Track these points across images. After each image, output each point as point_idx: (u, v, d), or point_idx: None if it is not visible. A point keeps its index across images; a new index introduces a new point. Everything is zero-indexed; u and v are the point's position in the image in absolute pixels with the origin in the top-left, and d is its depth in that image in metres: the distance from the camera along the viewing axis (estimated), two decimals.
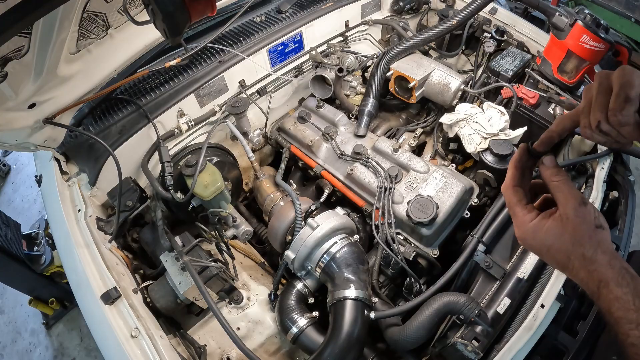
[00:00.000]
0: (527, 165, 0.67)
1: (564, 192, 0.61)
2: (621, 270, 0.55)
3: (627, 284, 0.54)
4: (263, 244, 1.90)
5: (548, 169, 0.64)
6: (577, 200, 0.59)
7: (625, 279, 0.55)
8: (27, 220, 3.40)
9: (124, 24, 1.45)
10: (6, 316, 3.06)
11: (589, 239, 0.58)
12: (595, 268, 0.57)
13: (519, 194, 0.67)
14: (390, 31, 2.40)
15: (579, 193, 0.61)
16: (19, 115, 1.29)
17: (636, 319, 0.53)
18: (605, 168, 1.57)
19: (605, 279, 0.56)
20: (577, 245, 0.58)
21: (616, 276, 0.55)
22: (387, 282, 1.59)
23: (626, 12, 3.44)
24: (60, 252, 1.39)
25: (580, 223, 0.58)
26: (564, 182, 0.62)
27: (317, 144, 1.79)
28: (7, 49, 1.03)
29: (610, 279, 0.55)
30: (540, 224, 0.62)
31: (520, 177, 0.67)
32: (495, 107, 1.70)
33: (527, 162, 0.67)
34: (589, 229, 0.58)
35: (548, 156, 0.65)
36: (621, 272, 0.55)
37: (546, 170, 0.64)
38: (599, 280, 0.56)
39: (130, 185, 1.53)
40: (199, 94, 1.80)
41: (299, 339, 1.34)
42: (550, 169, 0.64)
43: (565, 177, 0.62)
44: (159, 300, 1.39)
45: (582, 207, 0.59)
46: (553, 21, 1.70)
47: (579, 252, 0.58)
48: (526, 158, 0.67)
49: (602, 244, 0.57)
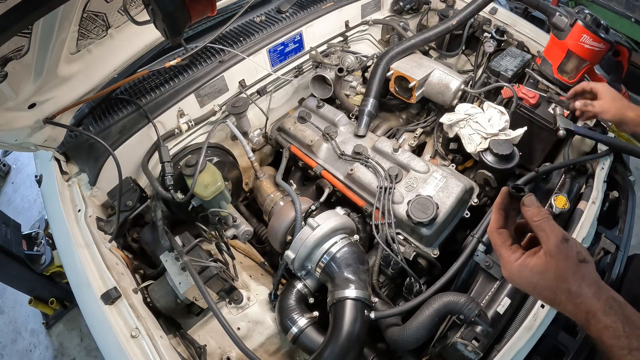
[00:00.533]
0: (510, 207, 0.71)
1: (545, 230, 0.63)
2: (608, 299, 0.57)
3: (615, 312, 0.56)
4: (263, 244, 1.90)
5: (529, 209, 0.66)
6: (558, 237, 0.61)
7: (612, 308, 0.57)
8: (27, 220, 3.40)
9: (124, 24, 1.45)
10: (6, 316, 3.06)
11: (572, 274, 0.60)
12: (582, 301, 0.59)
13: (503, 235, 0.70)
14: (391, 31, 2.40)
15: (560, 230, 0.63)
16: (19, 115, 1.29)
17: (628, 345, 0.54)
18: (605, 168, 1.57)
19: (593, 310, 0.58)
20: (562, 281, 0.60)
21: (603, 306, 0.57)
22: (387, 282, 1.59)
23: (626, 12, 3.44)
24: (60, 252, 1.39)
25: (563, 259, 0.60)
26: (545, 220, 0.64)
27: (317, 144, 1.79)
28: (7, 49, 1.03)
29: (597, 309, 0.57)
30: (525, 262, 0.65)
31: (503, 220, 0.71)
32: (495, 107, 1.70)
33: (510, 204, 0.71)
34: (572, 264, 0.60)
35: (528, 197, 0.68)
36: (608, 301, 0.57)
37: (527, 211, 0.67)
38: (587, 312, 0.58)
39: (130, 185, 1.53)
40: (199, 94, 1.80)
41: (299, 339, 1.34)
42: (531, 209, 0.66)
43: (546, 215, 0.65)
44: (159, 300, 1.39)
45: (563, 244, 0.61)
46: (553, 21, 1.70)
47: (564, 287, 0.60)
48: (508, 201, 0.70)
49: (586, 278, 0.59)
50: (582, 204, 1.47)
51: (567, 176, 1.60)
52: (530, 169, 1.59)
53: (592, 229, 1.41)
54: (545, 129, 1.72)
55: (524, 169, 1.71)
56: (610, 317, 0.56)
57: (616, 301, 0.58)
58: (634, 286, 1.36)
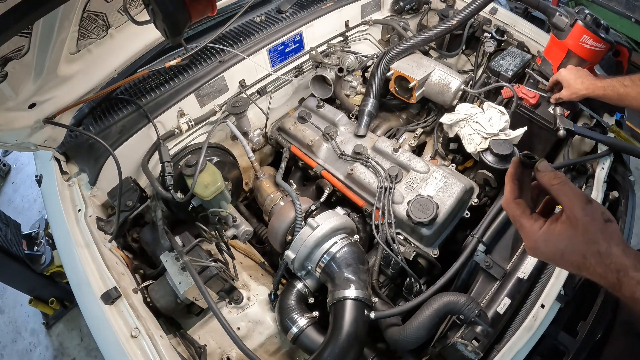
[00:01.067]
0: (523, 177, 0.68)
1: (567, 194, 0.61)
2: (637, 256, 0.56)
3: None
4: (263, 244, 1.90)
5: (545, 174, 0.64)
6: (582, 200, 0.60)
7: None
8: (27, 220, 3.40)
9: (124, 24, 1.45)
10: (6, 316, 3.06)
11: (601, 234, 0.58)
12: (612, 261, 0.57)
13: (521, 206, 0.67)
14: (391, 31, 2.40)
15: (582, 192, 0.61)
16: (19, 115, 1.29)
17: None
18: (605, 168, 1.57)
19: (624, 269, 0.56)
20: (591, 243, 0.58)
21: (633, 262, 0.56)
22: (387, 282, 1.59)
23: (626, 12, 3.45)
24: (61, 252, 1.39)
25: (590, 221, 0.59)
26: (564, 183, 0.62)
27: (317, 144, 1.79)
28: (7, 49, 1.03)
29: (628, 266, 0.56)
30: (550, 230, 0.62)
31: (519, 190, 0.68)
32: (495, 107, 1.70)
33: (523, 173, 0.68)
34: (600, 225, 0.58)
35: (542, 162, 0.66)
36: (637, 257, 0.56)
37: (543, 176, 0.64)
38: (618, 271, 0.57)
39: (130, 185, 1.53)
40: (199, 94, 1.80)
41: (299, 339, 1.34)
42: (547, 174, 0.64)
43: (564, 178, 0.63)
44: (159, 300, 1.39)
45: (588, 206, 0.59)
46: (553, 21, 1.70)
47: (594, 249, 0.58)
48: (521, 170, 0.68)
49: (614, 237, 0.58)
50: None
51: (567, 176, 1.59)
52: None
53: None
54: (545, 129, 1.72)
55: None
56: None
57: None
58: None
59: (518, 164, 0.68)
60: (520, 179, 0.68)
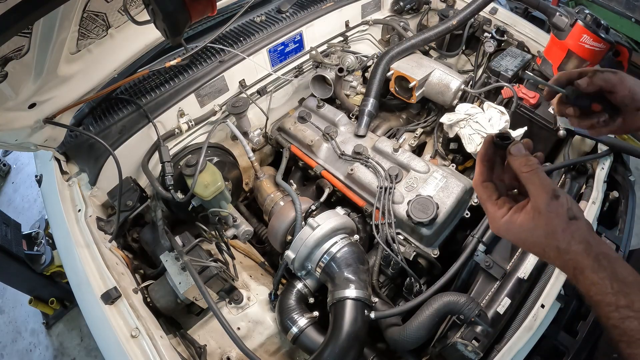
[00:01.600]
0: (495, 158, 0.66)
1: (535, 183, 0.59)
2: (598, 256, 0.55)
3: (604, 269, 0.54)
4: (263, 244, 1.90)
5: (516, 158, 0.61)
6: (548, 193, 0.57)
7: (602, 265, 0.54)
8: (28, 220, 3.40)
9: (124, 24, 1.45)
10: (6, 316, 3.07)
11: (562, 232, 0.57)
12: (570, 257, 0.56)
13: (488, 189, 0.65)
14: (391, 31, 2.40)
15: (550, 184, 0.58)
16: (19, 115, 1.29)
17: (615, 302, 0.53)
18: (605, 168, 1.57)
19: (581, 267, 0.56)
20: (550, 238, 0.57)
21: (592, 263, 0.55)
22: (387, 282, 1.59)
23: (626, 12, 3.45)
24: (61, 251, 1.39)
25: (553, 217, 0.57)
26: (533, 172, 0.59)
27: (317, 144, 1.79)
28: (8, 49, 1.03)
29: (585, 266, 0.55)
30: (512, 219, 0.61)
31: (488, 172, 0.66)
32: (495, 107, 1.70)
33: (495, 154, 0.66)
34: (562, 222, 0.57)
35: (515, 145, 0.62)
36: (597, 258, 0.55)
37: (514, 160, 0.61)
38: (574, 268, 0.56)
39: (130, 185, 1.53)
40: (199, 94, 1.80)
41: (299, 339, 1.34)
42: (518, 159, 0.61)
43: (536, 166, 0.60)
44: (159, 300, 1.39)
45: (553, 202, 0.57)
46: (553, 21, 1.70)
47: (553, 245, 0.58)
48: (492, 151, 0.65)
49: (575, 235, 0.56)
50: (582, 204, 1.47)
51: (567, 176, 1.60)
52: None
53: None
54: (546, 129, 1.72)
55: None
56: (599, 273, 0.54)
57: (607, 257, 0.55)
58: None
59: (490, 144, 0.65)
60: (492, 160, 0.66)
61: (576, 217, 0.57)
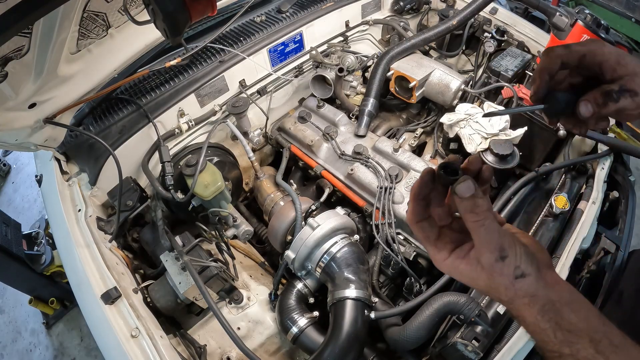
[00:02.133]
0: (432, 194, 0.56)
1: (481, 237, 0.52)
2: (543, 307, 0.52)
3: (549, 319, 0.52)
4: (263, 244, 1.90)
5: (462, 203, 0.51)
6: (493, 254, 0.51)
7: (546, 315, 0.52)
8: (28, 220, 3.40)
9: (125, 24, 1.45)
10: (6, 316, 3.07)
11: (505, 290, 0.53)
12: (513, 307, 0.54)
13: (424, 231, 0.58)
14: (391, 31, 2.40)
15: (497, 242, 0.51)
16: (19, 115, 1.29)
17: (558, 350, 0.51)
18: (605, 168, 1.57)
19: (522, 316, 0.53)
20: (493, 291, 0.54)
21: (534, 315, 0.52)
22: (387, 282, 1.59)
23: (626, 12, 3.45)
24: (61, 251, 1.39)
25: (496, 276, 0.52)
26: (480, 224, 0.51)
27: (317, 144, 1.79)
28: (8, 49, 1.03)
29: (527, 316, 0.53)
30: (454, 264, 0.56)
31: (422, 211, 0.57)
32: (495, 107, 1.70)
33: (433, 190, 0.56)
34: (506, 281, 0.52)
35: (462, 183, 0.51)
36: (542, 310, 0.52)
37: (460, 205, 0.52)
38: (517, 316, 0.54)
39: (130, 185, 1.53)
40: (199, 94, 1.80)
41: (299, 339, 1.34)
42: (464, 204, 0.51)
43: (484, 215, 0.51)
44: (159, 300, 1.39)
45: (498, 263, 0.52)
46: (553, 21, 1.70)
47: (495, 296, 0.55)
48: (429, 187, 0.55)
49: (519, 292, 0.52)
50: (583, 204, 1.47)
51: (567, 176, 1.60)
52: (531, 169, 1.59)
53: (592, 229, 1.41)
54: (546, 129, 1.72)
55: (524, 169, 1.71)
56: (541, 324, 0.52)
57: (553, 308, 0.52)
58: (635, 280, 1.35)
59: (428, 178, 0.55)
60: (428, 198, 0.56)
61: (524, 274, 0.52)
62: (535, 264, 0.52)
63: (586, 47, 0.59)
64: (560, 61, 0.59)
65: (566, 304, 0.52)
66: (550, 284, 0.53)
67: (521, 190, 1.52)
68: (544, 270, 0.53)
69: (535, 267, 0.52)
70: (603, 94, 0.57)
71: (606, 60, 0.58)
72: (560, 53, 0.59)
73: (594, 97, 0.58)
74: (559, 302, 0.52)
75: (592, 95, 0.58)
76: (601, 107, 0.57)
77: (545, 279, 0.53)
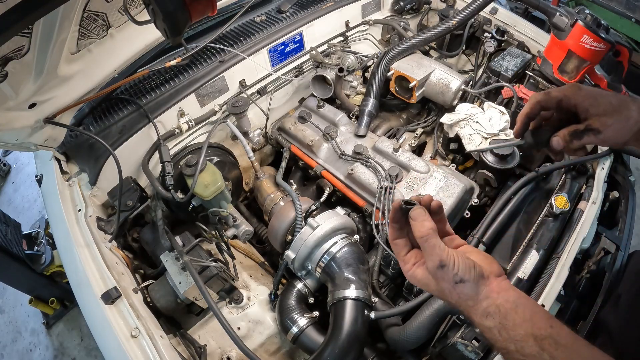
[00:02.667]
0: (403, 220, 0.73)
1: (425, 250, 0.67)
2: (485, 310, 0.63)
3: (492, 320, 0.62)
4: (263, 244, 1.90)
5: (414, 223, 0.69)
6: (434, 263, 0.65)
7: (490, 317, 0.62)
8: (28, 220, 3.40)
9: (125, 24, 1.45)
10: (6, 315, 3.07)
11: (449, 293, 0.66)
12: (461, 310, 0.66)
13: (398, 247, 0.75)
14: (391, 31, 2.40)
15: (437, 254, 0.65)
16: (19, 115, 1.29)
17: (505, 347, 0.60)
18: (605, 168, 1.57)
19: (471, 318, 0.65)
20: (441, 295, 0.68)
21: (479, 317, 0.63)
22: (387, 282, 1.59)
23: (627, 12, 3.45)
24: (61, 251, 1.39)
25: (440, 281, 0.66)
26: (425, 240, 0.67)
27: (317, 144, 1.79)
28: (8, 49, 1.03)
29: (474, 318, 0.64)
30: (414, 274, 0.71)
31: (397, 232, 0.75)
32: (495, 107, 1.70)
33: (402, 217, 0.73)
34: (449, 285, 0.65)
35: (415, 210, 0.70)
36: (485, 312, 0.63)
37: (412, 225, 0.69)
38: (467, 317, 0.66)
39: (130, 185, 1.53)
40: (200, 94, 1.80)
41: (299, 339, 1.34)
42: (415, 224, 0.69)
43: (428, 232, 0.67)
44: (159, 300, 1.39)
45: (439, 271, 0.65)
46: (553, 21, 1.70)
47: (445, 299, 0.68)
48: (400, 214, 0.73)
49: (462, 295, 0.65)
50: (583, 204, 1.47)
51: (567, 176, 1.60)
52: (531, 169, 1.59)
53: (592, 229, 1.41)
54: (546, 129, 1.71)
55: (524, 169, 1.71)
56: (486, 323, 0.62)
57: (497, 309, 0.62)
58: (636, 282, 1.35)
59: (397, 209, 0.73)
60: (400, 221, 0.74)
61: (462, 280, 0.64)
62: (473, 273, 0.64)
63: (562, 93, 0.72)
64: (539, 106, 0.75)
65: (511, 307, 0.62)
66: (497, 290, 0.64)
67: (521, 190, 1.52)
68: (490, 278, 0.65)
69: (474, 275, 0.64)
70: (570, 132, 0.71)
71: (580, 103, 0.71)
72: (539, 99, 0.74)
73: (563, 135, 0.72)
74: (504, 305, 0.62)
75: (562, 132, 0.73)
76: (569, 143, 0.72)
77: (490, 285, 0.64)
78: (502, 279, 0.66)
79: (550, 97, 0.74)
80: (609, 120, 0.68)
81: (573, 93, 0.72)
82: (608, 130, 0.69)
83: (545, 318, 0.61)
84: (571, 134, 0.72)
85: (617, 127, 0.69)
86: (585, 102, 0.71)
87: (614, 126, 0.68)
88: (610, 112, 0.68)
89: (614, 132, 0.69)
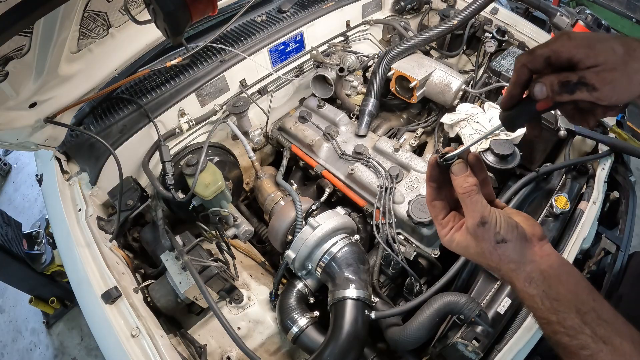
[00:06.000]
0: (441, 178, 0.67)
1: (467, 207, 0.62)
2: (528, 276, 0.59)
3: (536, 286, 0.58)
4: (264, 244, 1.90)
5: (456, 178, 0.63)
6: (475, 220, 0.61)
7: (532, 284, 0.58)
8: (28, 220, 3.40)
9: (125, 24, 1.45)
10: (7, 315, 3.07)
11: (489, 254, 0.61)
12: (503, 274, 0.61)
13: (435, 208, 0.69)
14: (392, 31, 2.40)
15: (479, 210, 0.61)
16: (19, 115, 1.29)
17: (546, 317, 0.57)
18: (606, 168, 1.57)
19: (512, 283, 0.61)
20: (482, 257, 0.62)
21: (522, 283, 0.59)
22: (387, 282, 1.59)
23: (627, 12, 3.45)
24: (61, 251, 1.39)
25: (481, 240, 0.61)
26: (466, 195, 0.62)
27: (317, 144, 1.79)
28: (8, 48, 1.03)
29: (515, 283, 0.60)
30: (452, 237, 0.66)
31: (435, 192, 0.68)
32: (496, 107, 1.70)
33: (440, 174, 0.67)
34: (489, 246, 0.60)
35: (457, 164, 0.64)
36: (528, 278, 0.59)
37: (454, 180, 0.64)
38: (509, 282, 0.62)
39: (131, 185, 1.53)
40: (200, 94, 1.80)
41: (300, 339, 1.34)
42: (457, 179, 0.63)
43: (471, 188, 0.62)
44: (160, 300, 1.39)
45: (480, 228, 0.61)
46: (554, 21, 1.70)
47: (484, 262, 0.63)
48: (437, 171, 0.67)
49: (503, 257, 0.60)
50: (583, 204, 1.47)
51: (567, 176, 1.60)
52: (531, 169, 1.59)
53: (592, 230, 1.41)
54: (547, 129, 1.72)
55: (525, 169, 1.71)
56: (529, 291, 0.58)
57: (541, 276, 0.58)
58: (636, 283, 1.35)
59: (433, 165, 0.67)
60: (438, 180, 0.68)
61: (504, 240, 0.60)
62: (516, 233, 0.60)
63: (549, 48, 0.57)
64: (527, 69, 0.58)
65: (555, 274, 0.58)
66: (540, 254, 0.60)
67: (522, 191, 1.52)
68: (533, 241, 0.61)
69: (517, 236, 0.60)
70: (562, 82, 0.55)
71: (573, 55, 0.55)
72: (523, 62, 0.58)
73: (550, 82, 0.55)
74: (547, 272, 0.58)
75: (549, 79, 0.55)
76: (555, 94, 0.55)
77: (533, 249, 0.60)
78: (544, 242, 0.62)
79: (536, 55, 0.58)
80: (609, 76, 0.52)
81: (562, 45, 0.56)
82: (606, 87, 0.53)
83: (588, 290, 0.58)
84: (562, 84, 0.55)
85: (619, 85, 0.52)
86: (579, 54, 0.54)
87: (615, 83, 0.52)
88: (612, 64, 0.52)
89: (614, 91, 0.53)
